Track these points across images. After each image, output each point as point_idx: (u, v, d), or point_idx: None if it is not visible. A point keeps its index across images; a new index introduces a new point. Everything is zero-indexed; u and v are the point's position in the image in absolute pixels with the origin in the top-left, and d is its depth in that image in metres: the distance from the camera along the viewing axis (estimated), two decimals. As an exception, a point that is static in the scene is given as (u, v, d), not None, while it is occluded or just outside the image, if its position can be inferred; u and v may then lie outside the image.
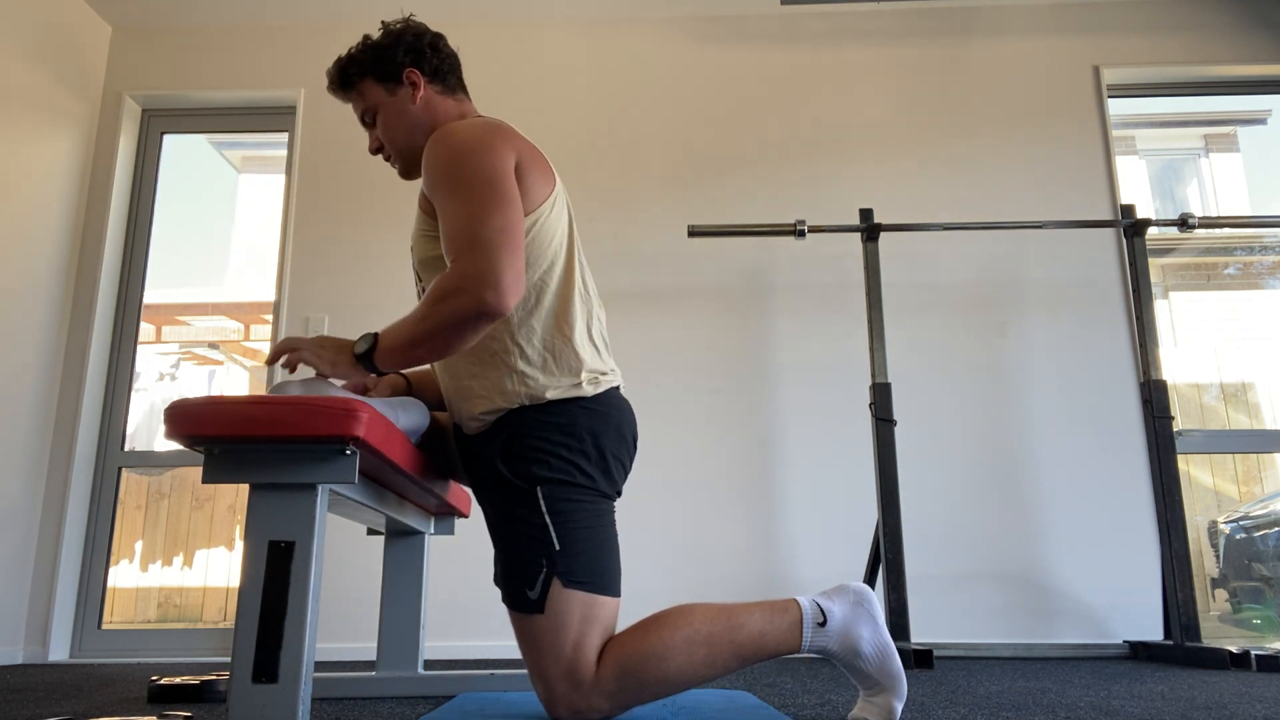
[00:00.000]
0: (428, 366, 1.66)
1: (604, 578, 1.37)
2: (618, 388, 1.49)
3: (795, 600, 1.35)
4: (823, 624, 1.32)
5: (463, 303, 1.25)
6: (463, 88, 1.63)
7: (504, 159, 1.36)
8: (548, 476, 1.36)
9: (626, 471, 1.48)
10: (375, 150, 1.61)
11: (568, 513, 1.36)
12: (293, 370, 1.39)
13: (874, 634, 1.33)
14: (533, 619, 1.33)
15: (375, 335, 1.34)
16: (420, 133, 1.55)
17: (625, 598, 3.02)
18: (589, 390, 1.42)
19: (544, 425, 1.38)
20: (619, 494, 1.47)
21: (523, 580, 1.34)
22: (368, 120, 1.59)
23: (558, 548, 1.34)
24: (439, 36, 1.61)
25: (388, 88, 1.56)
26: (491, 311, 1.25)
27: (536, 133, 3.51)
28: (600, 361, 1.47)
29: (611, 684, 1.30)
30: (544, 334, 1.41)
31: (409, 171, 1.59)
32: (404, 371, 1.65)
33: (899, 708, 1.33)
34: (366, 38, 1.59)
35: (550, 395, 1.39)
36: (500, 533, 1.39)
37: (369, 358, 1.33)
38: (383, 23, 1.61)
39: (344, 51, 1.63)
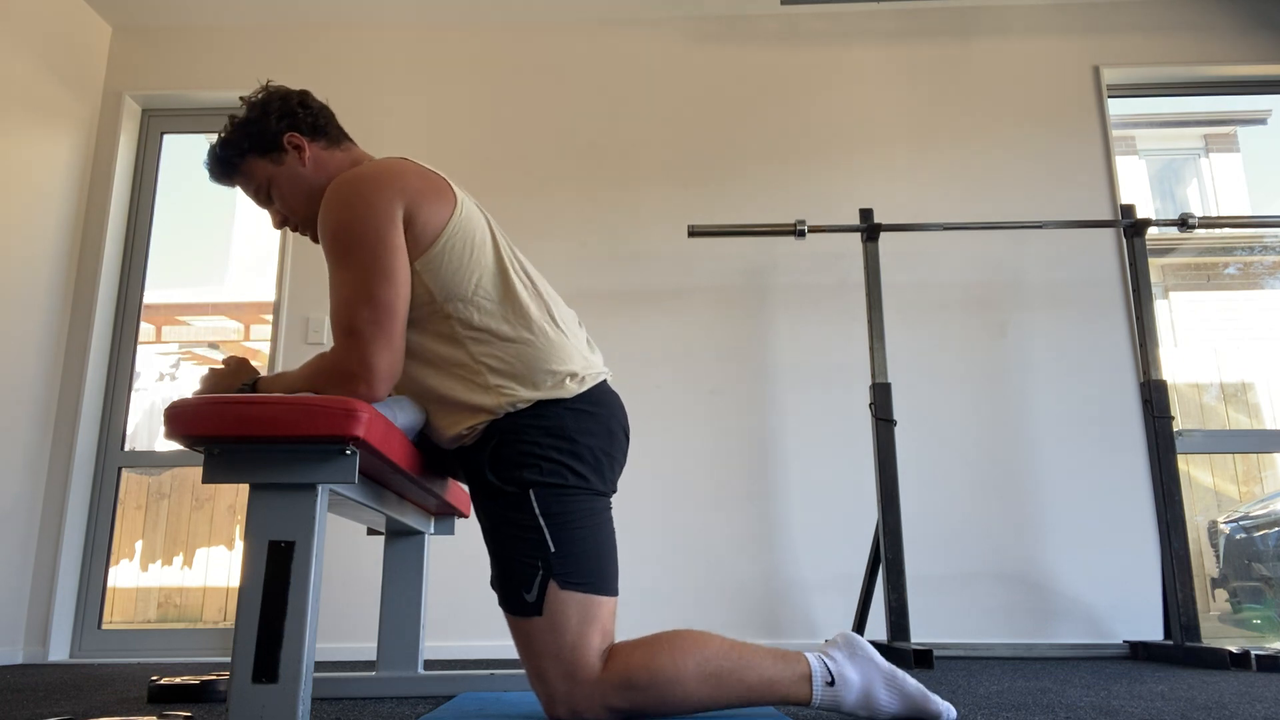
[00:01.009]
0: None
1: (601, 578, 1.37)
2: (604, 382, 1.48)
3: (804, 654, 1.36)
4: (831, 684, 1.33)
5: (338, 392, 1.31)
6: (345, 136, 1.60)
7: (386, 217, 1.35)
8: (539, 480, 1.36)
9: (620, 466, 1.48)
10: (280, 224, 1.58)
11: (562, 514, 1.36)
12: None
13: (881, 674, 1.34)
14: (530, 621, 1.33)
15: (254, 383, 1.39)
16: (317, 194, 1.52)
17: (625, 597, 3.02)
18: (572, 389, 1.41)
19: (531, 429, 1.38)
20: (614, 490, 1.46)
21: (519, 583, 1.34)
22: (262, 197, 1.57)
23: (553, 549, 1.34)
24: (305, 93, 1.59)
25: (273, 159, 1.53)
26: (365, 400, 1.30)
27: (536, 133, 3.51)
28: (575, 354, 1.45)
29: (614, 691, 1.30)
30: (504, 342, 1.40)
31: (318, 237, 1.56)
32: None
33: (946, 707, 1.33)
34: (232, 118, 1.56)
35: (533, 397, 1.38)
36: (495, 537, 1.39)
37: None
38: (241, 98, 1.58)
39: (212, 141, 1.60)
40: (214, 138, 1.59)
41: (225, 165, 1.56)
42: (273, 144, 1.53)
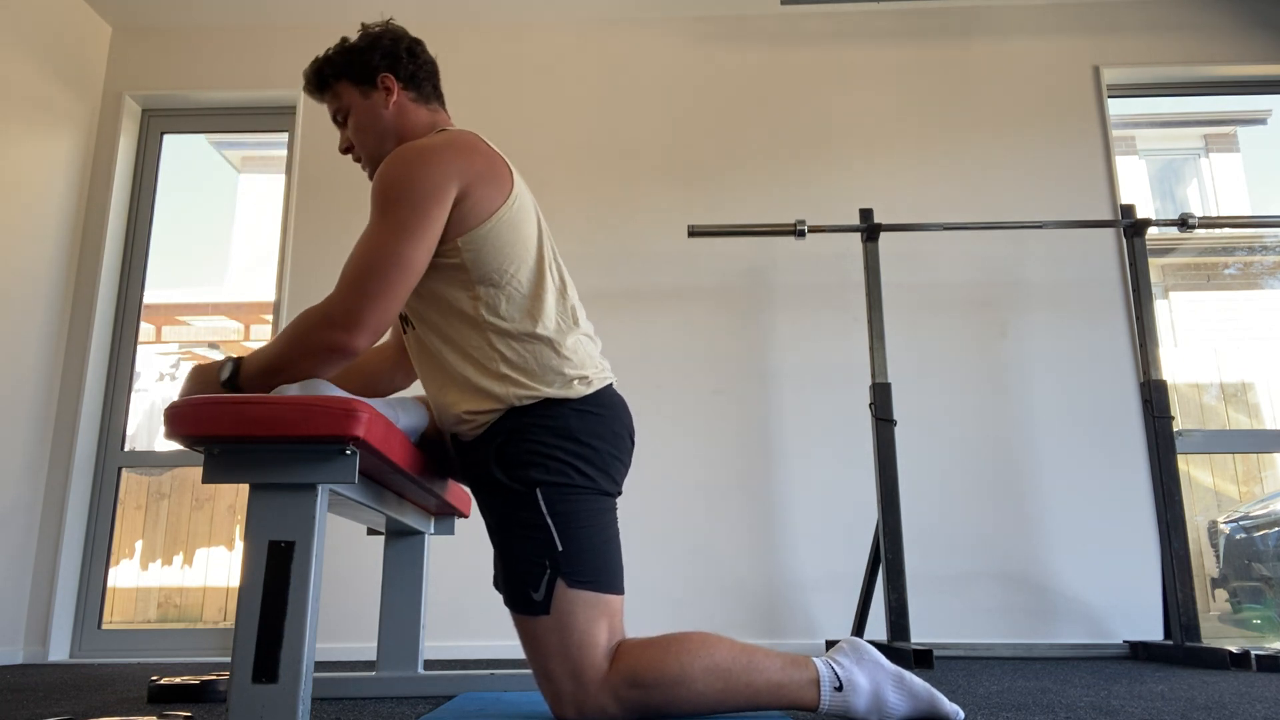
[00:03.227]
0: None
1: (608, 576, 1.37)
2: (610, 386, 1.49)
3: (811, 659, 1.36)
4: (839, 689, 1.33)
5: (316, 338, 1.30)
6: (438, 96, 1.63)
7: (437, 190, 1.36)
8: (546, 480, 1.36)
9: (625, 468, 1.48)
10: (345, 150, 1.62)
11: (569, 513, 1.36)
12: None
13: (889, 676, 1.35)
14: (538, 620, 1.33)
15: (238, 361, 1.37)
16: (390, 139, 1.56)
17: (626, 597, 3.02)
18: (580, 390, 1.42)
19: (538, 429, 1.38)
20: (619, 492, 1.46)
21: (526, 582, 1.34)
22: (339, 120, 1.60)
23: (560, 548, 1.34)
24: (417, 42, 1.62)
25: (362, 90, 1.56)
26: (340, 350, 1.30)
27: (536, 133, 3.51)
28: (588, 359, 1.46)
29: (622, 689, 1.30)
30: (523, 335, 1.41)
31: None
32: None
33: (954, 709, 1.33)
34: (344, 40, 1.59)
35: (541, 394, 1.39)
36: (501, 536, 1.39)
37: (233, 384, 1.35)
38: (362, 25, 1.61)
39: (321, 51, 1.63)
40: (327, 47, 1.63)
41: (319, 79, 1.60)
42: (367, 77, 1.56)
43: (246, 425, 1.13)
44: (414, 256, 1.34)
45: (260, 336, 5.33)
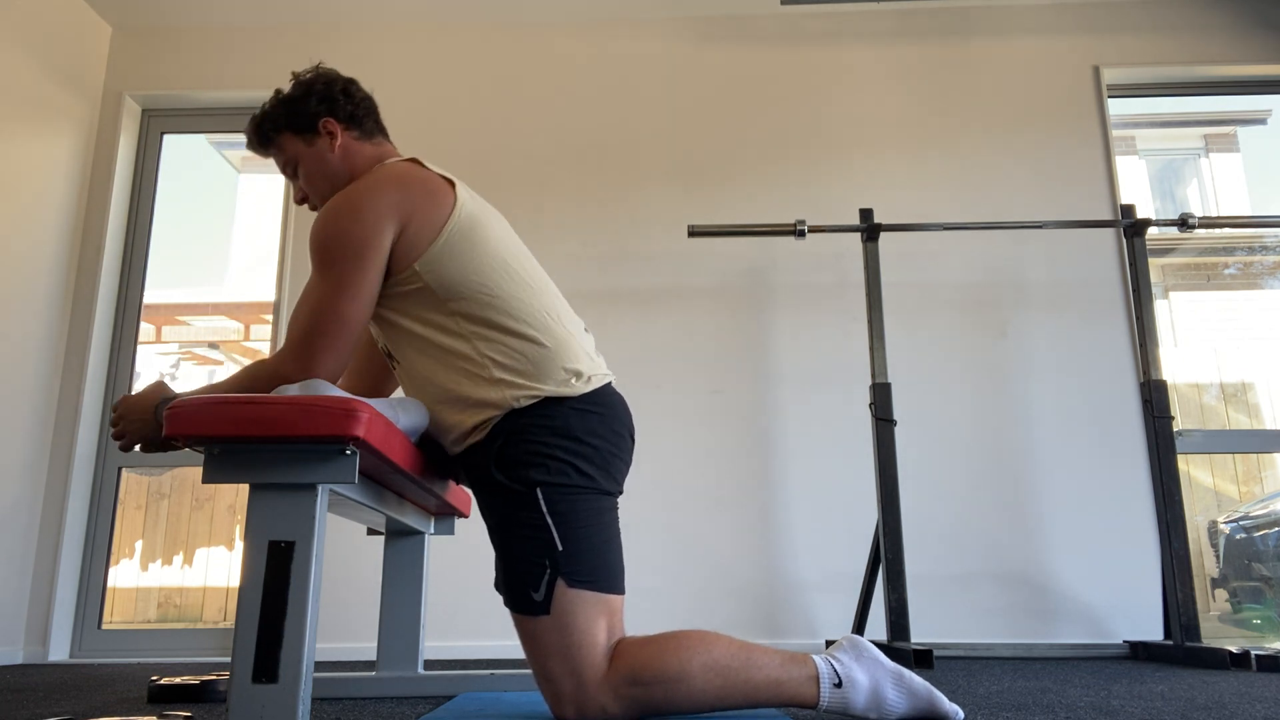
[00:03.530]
0: None
1: (608, 576, 1.37)
2: (609, 384, 1.49)
3: (810, 656, 1.36)
4: (839, 685, 1.33)
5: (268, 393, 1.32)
6: (380, 129, 1.64)
7: (372, 234, 1.38)
8: (546, 480, 1.36)
9: (626, 467, 1.48)
10: (300, 200, 1.63)
11: (569, 512, 1.36)
12: (124, 449, 1.40)
13: (888, 674, 1.35)
14: (538, 620, 1.33)
15: (170, 400, 1.35)
16: (341, 180, 1.57)
17: (626, 597, 3.01)
18: (578, 388, 1.41)
19: (538, 429, 1.38)
20: (620, 491, 1.46)
21: (526, 582, 1.34)
22: (289, 172, 1.61)
23: (560, 548, 1.34)
24: (351, 81, 1.63)
25: (305, 139, 1.58)
26: None
27: (536, 133, 3.51)
28: (581, 354, 1.46)
29: (622, 688, 1.30)
30: (509, 337, 1.41)
31: None
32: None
33: (953, 708, 1.34)
34: (279, 92, 1.60)
35: (539, 393, 1.38)
36: (501, 536, 1.39)
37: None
38: (293, 74, 1.62)
39: (258, 109, 1.64)
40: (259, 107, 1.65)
41: (261, 135, 1.61)
42: (308, 125, 1.57)
43: (246, 425, 1.13)
44: (355, 312, 1.37)
45: (260, 336, 5.33)
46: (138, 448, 1.38)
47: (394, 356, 1.52)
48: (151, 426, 1.34)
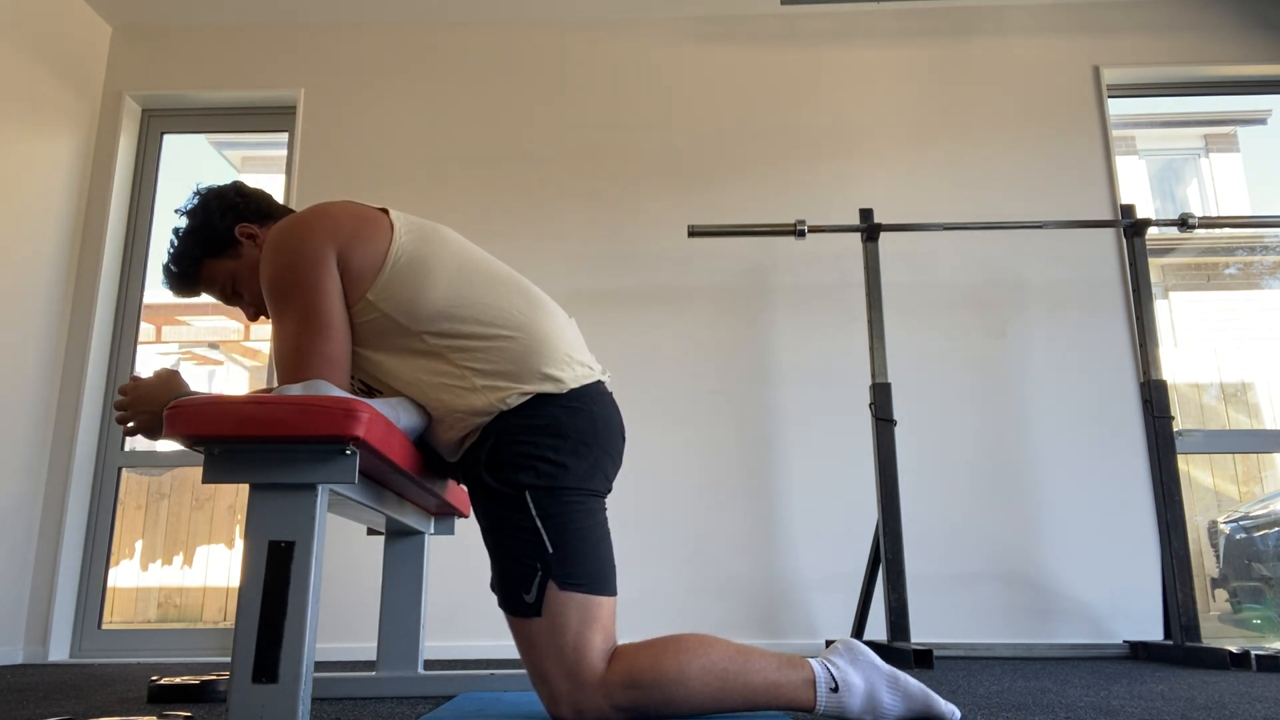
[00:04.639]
0: None
1: (599, 578, 1.37)
2: (599, 383, 1.48)
3: (807, 659, 1.36)
4: (835, 689, 1.33)
5: None
6: (287, 211, 1.63)
7: (318, 263, 1.36)
8: (535, 484, 1.36)
9: (616, 467, 1.47)
10: (255, 317, 1.60)
11: (558, 515, 1.36)
12: (128, 435, 1.40)
13: (884, 677, 1.35)
14: (531, 622, 1.33)
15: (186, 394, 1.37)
16: None
17: (624, 597, 3.02)
18: (565, 385, 1.40)
19: (527, 429, 1.37)
20: (609, 490, 1.46)
21: (518, 584, 1.34)
22: (229, 295, 1.59)
23: (551, 550, 1.34)
24: (238, 183, 1.61)
25: (230, 255, 1.56)
26: None
27: (536, 133, 3.51)
28: (563, 349, 1.44)
29: (618, 691, 1.30)
30: (483, 342, 1.40)
31: None
32: None
33: (950, 708, 1.34)
34: (177, 231, 1.58)
35: (525, 391, 1.37)
36: (493, 538, 1.39)
37: None
38: (177, 211, 1.60)
39: (163, 259, 1.61)
40: (165, 256, 1.60)
41: (184, 278, 1.58)
42: (225, 241, 1.55)
43: (246, 425, 1.13)
44: (332, 349, 1.35)
45: (260, 336, 5.33)
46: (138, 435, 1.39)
47: (371, 388, 1.49)
48: (157, 422, 1.36)
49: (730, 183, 3.46)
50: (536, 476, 1.36)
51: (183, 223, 1.57)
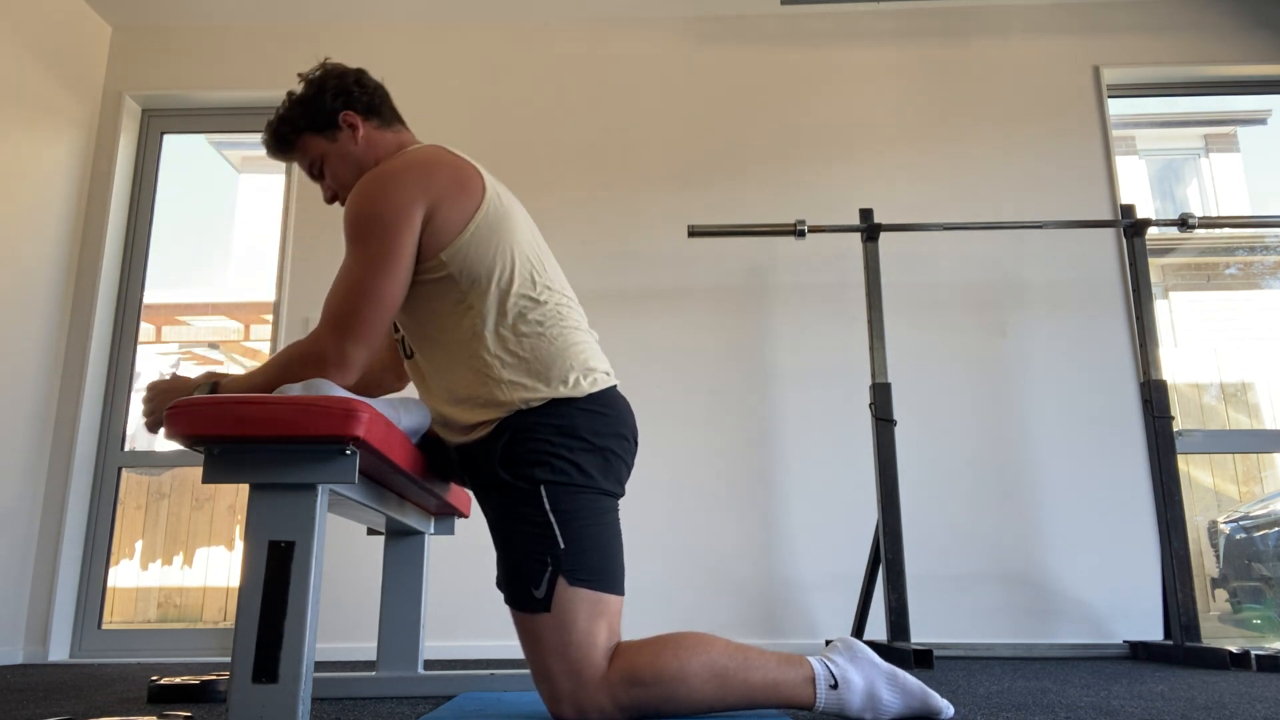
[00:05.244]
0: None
1: (609, 576, 1.37)
2: (614, 387, 1.49)
3: (806, 658, 1.37)
4: (834, 687, 1.33)
5: (308, 374, 1.33)
6: (398, 117, 1.64)
7: (403, 215, 1.38)
8: (550, 479, 1.37)
9: (629, 469, 1.48)
10: (331, 199, 1.62)
11: (571, 511, 1.36)
12: (154, 431, 1.41)
13: (883, 674, 1.36)
14: (538, 618, 1.33)
15: (215, 383, 1.38)
16: (368, 171, 1.55)
17: (626, 597, 3.02)
18: (585, 389, 1.42)
19: (543, 427, 1.38)
20: (622, 493, 1.47)
21: (527, 579, 1.34)
22: (315, 173, 1.60)
23: (562, 546, 1.34)
24: (361, 72, 1.62)
25: (327, 136, 1.57)
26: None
27: (536, 133, 3.51)
28: (589, 358, 1.47)
29: (619, 689, 1.30)
30: (522, 339, 1.41)
31: None
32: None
33: (944, 704, 1.35)
34: (291, 94, 1.59)
35: (545, 394, 1.39)
36: (503, 532, 1.39)
37: None
38: (300, 75, 1.61)
39: (271, 115, 1.62)
40: (272, 114, 1.62)
41: (281, 141, 1.59)
42: (328, 121, 1.57)
43: (246, 425, 1.13)
44: (389, 289, 1.37)
45: (260, 336, 5.33)
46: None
47: (408, 347, 1.52)
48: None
49: (730, 183, 3.46)
50: (552, 472, 1.37)
51: (298, 89, 1.59)
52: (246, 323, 5.48)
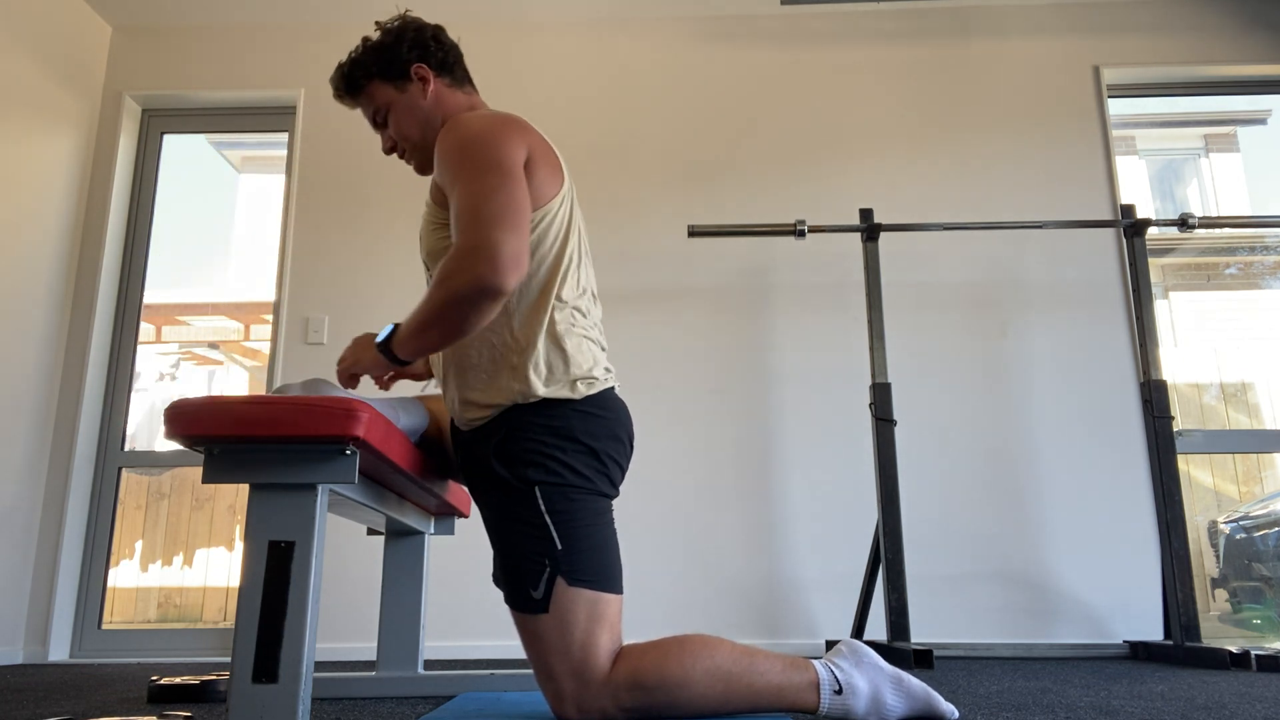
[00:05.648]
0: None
1: (607, 575, 1.37)
2: (612, 389, 1.49)
3: (811, 662, 1.37)
4: (839, 692, 1.33)
5: (461, 281, 1.26)
6: (469, 80, 1.62)
7: (515, 148, 1.38)
8: (544, 480, 1.36)
9: (623, 471, 1.48)
10: (389, 150, 1.60)
11: (567, 511, 1.36)
12: (353, 385, 1.45)
13: (887, 678, 1.36)
14: (538, 619, 1.33)
15: (396, 325, 1.38)
16: (433, 127, 1.55)
17: (625, 597, 3.02)
18: (583, 391, 1.41)
19: (538, 428, 1.38)
20: (616, 494, 1.47)
21: (526, 580, 1.34)
22: (379, 121, 1.59)
23: (560, 547, 1.34)
24: (439, 29, 1.61)
25: (397, 86, 1.55)
26: (490, 288, 1.25)
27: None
28: (595, 362, 1.46)
29: (623, 691, 1.30)
30: (540, 331, 1.41)
31: (425, 167, 1.59)
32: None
33: (949, 708, 1.35)
34: (366, 39, 1.58)
35: (543, 393, 1.38)
36: (500, 532, 1.39)
37: (387, 346, 1.36)
38: (377, 23, 1.60)
39: (344, 57, 1.62)
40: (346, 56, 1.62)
41: (351, 83, 1.58)
42: (400, 72, 1.55)
43: (246, 425, 1.13)
44: (521, 195, 1.32)
45: (260, 336, 5.33)
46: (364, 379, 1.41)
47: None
48: (378, 356, 1.39)
49: (730, 183, 3.46)
50: (545, 473, 1.36)
51: (375, 35, 1.58)
52: (246, 323, 5.47)
